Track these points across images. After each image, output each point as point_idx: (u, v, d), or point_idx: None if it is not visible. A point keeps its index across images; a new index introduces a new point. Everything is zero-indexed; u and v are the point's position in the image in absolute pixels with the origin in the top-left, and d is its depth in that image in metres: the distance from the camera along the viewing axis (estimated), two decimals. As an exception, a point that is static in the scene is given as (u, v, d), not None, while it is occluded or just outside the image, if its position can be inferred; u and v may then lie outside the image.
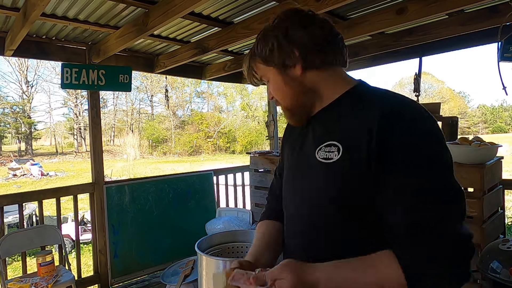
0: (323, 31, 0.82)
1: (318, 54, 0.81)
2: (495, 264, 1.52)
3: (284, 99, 0.87)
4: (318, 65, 0.82)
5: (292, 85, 0.84)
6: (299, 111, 0.88)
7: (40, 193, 3.11)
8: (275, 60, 0.83)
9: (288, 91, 0.85)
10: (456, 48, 2.97)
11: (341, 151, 0.77)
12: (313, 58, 0.81)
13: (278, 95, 0.87)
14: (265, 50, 0.84)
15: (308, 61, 0.81)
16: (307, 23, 0.82)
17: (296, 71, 0.83)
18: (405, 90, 40.85)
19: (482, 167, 1.93)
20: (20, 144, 30.20)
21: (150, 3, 2.29)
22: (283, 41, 0.81)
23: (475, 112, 48.82)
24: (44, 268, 2.57)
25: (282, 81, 0.85)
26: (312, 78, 0.83)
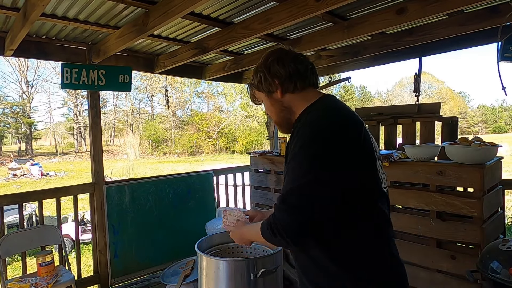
0: (296, 64, 1.14)
1: (291, 82, 1.13)
2: (495, 264, 1.52)
3: (272, 115, 1.21)
4: (292, 90, 1.14)
5: (276, 105, 1.18)
6: (283, 123, 1.20)
7: (40, 193, 3.10)
8: (263, 87, 1.17)
9: (274, 109, 1.19)
10: (456, 48, 2.97)
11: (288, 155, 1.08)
12: (287, 85, 1.13)
13: (268, 112, 1.22)
14: (256, 81, 1.18)
15: (284, 88, 1.14)
16: (284, 60, 1.14)
17: (277, 95, 1.15)
18: (405, 90, 40.87)
19: (482, 167, 1.93)
20: (20, 144, 30.19)
21: (150, 3, 2.29)
22: (267, 75, 1.15)
23: (475, 112, 48.81)
24: (44, 268, 2.57)
25: (269, 102, 1.19)
26: (288, 99, 1.15)
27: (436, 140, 2.75)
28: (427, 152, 2.18)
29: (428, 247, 2.15)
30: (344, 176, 0.96)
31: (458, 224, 2.02)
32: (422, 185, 2.23)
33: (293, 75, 1.13)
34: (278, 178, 3.04)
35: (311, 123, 1.03)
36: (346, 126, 1.00)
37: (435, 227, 2.10)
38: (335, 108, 1.08)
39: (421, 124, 2.77)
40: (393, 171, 2.27)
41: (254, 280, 2.06)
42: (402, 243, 2.28)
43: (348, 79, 4.19)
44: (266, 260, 2.13)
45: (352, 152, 0.98)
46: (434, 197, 2.09)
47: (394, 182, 2.32)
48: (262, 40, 3.20)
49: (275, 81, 1.13)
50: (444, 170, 2.05)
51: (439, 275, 2.12)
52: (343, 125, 1.00)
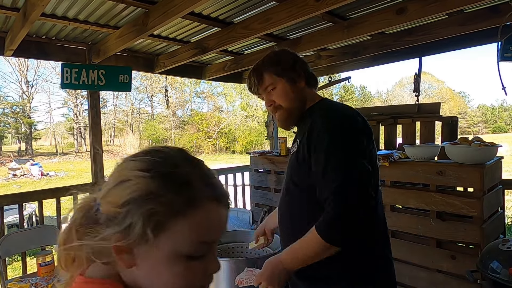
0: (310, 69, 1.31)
1: (311, 78, 1.28)
2: (495, 264, 1.52)
3: (287, 102, 1.23)
4: (311, 85, 1.28)
5: (296, 93, 1.24)
6: (293, 113, 1.25)
7: (40, 193, 3.10)
8: (288, 74, 1.23)
9: (293, 96, 1.23)
10: (456, 48, 2.97)
11: (296, 144, 1.22)
12: (310, 80, 1.27)
13: (284, 99, 1.23)
14: (280, 67, 1.23)
15: (307, 80, 1.26)
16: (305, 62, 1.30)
17: (301, 84, 1.25)
18: (405, 90, 40.86)
19: (482, 167, 1.93)
20: (20, 144, 30.17)
21: (150, 3, 2.29)
22: (296, 65, 1.24)
23: (475, 112, 48.80)
24: (44, 268, 2.57)
25: (290, 89, 1.23)
26: (307, 92, 1.27)
27: (436, 140, 2.75)
28: (427, 152, 2.18)
29: (428, 247, 2.15)
30: (376, 168, 1.14)
31: (458, 224, 2.02)
32: (422, 185, 2.23)
33: (312, 75, 1.29)
34: (278, 178, 3.04)
35: (337, 118, 1.14)
36: (365, 121, 1.16)
37: (435, 227, 2.10)
38: (346, 107, 1.24)
39: (421, 124, 2.77)
40: (393, 171, 2.27)
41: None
42: (402, 243, 2.28)
43: (348, 79, 4.19)
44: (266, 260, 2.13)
45: (373, 145, 1.14)
46: (434, 197, 2.09)
47: (394, 182, 2.32)
48: (262, 40, 3.20)
49: (302, 73, 1.24)
50: (444, 170, 2.05)
51: (439, 275, 2.12)
52: (363, 120, 1.15)
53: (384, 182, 2.36)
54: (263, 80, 1.24)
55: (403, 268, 2.27)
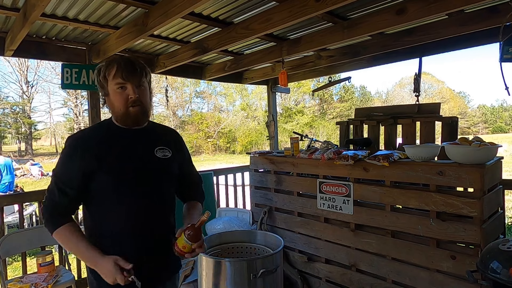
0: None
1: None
2: (495, 264, 1.52)
3: (148, 102, 1.39)
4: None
5: (149, 96, 1.42)
6: (148, 112, 1.41)
7: (40, 193, 3.10)
8: (150, 80, 1.44)
9: (148, 98, 1.40)
10: (456, 48, 2.97)
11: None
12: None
13: (146, 98, 1.38)
14: (149, 75, 1.46)
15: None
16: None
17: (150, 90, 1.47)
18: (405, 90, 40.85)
19: (482, 167, 1.93)
20: (20, 144, 30.15)
21: (150, 3, 2.29)
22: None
23: (475, 112, 48.77)
24: (44, 268, 2.57)
25: (149, 92, 1.41)
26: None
27: (436, 140, 2.75)
28: (427, 152, 2.18)
29: (428, 247, 2.15)
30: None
31: (458, 224, 2.02)
32: (422, 185, 2.23)
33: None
34: (278, 178, 3.04)
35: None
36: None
37: (435, 227, 2.10)
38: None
39: (421, 124, 2.77)
40: (393, 171, 2.27)
41: (254, 280, 2.06)
42: (402, 243, 2.28)
43: (348, 79, 4.19)
44: (266, 260, 2.12)
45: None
46: (434, 197, 2.09)
47: (394, 182, 2.32)
48: (262, 40, 3.20)
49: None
50: (444, 170, 2.05)
51: (439, 275, 2.12)
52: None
53: (384, 182, 2.36)
54: (145, 80, 1.41)
55: (403, 268, 2.28)
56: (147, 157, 1.38)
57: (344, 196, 2.54)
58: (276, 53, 3.28)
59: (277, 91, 4.85)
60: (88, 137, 1.35)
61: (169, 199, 1.45)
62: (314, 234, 2.79)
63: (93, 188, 1.31)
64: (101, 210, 1.34)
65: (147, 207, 1.35)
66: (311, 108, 32.22)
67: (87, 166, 1.27)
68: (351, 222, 2.53)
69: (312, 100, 32.24)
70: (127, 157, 1.33)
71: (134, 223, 1.33)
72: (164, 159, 1.41)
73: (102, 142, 1.32)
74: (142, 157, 1.36)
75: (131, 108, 1.31)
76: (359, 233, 2.50)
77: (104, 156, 1.29)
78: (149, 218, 1.36)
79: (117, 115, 1.34)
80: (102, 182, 1.29)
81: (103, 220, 1.33)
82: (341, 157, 2.46)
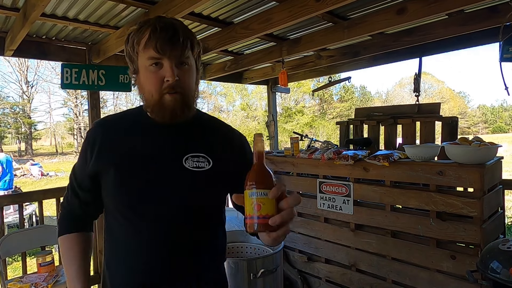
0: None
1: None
2: (495, 264, 1.52)
3: (190, 87, 0.97)
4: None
5: (196, 79, 1.01)
6: (191, 103, 0.99)
7: (40, 193, 3.10)
8: (199, 58, 1.01)
9: (194, 80, 0.99)
10: (456, 48, 2.97)
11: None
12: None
13: (190, 83, 0.97)
14: (199, 48, 1.00)
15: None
16: None
17: (198, 73, 1.03)
18: (405, 90, 40.85)
19: (482, 167, 1.93)
20: (20, 144, 30.16)
21: (150, 3, 2.29)
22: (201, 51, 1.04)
23: (475, 112, 48.78)
24: (44, 268, 2.57)
25: (194, 74, 0.99)
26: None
27: (436, 140, 2.75)
28: (427, 152, 2.18)
29: (428, 247, 2.15)
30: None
31: (458, 224, 2.02)
32: (422, 185, 2.23)
33: None
34: (278, 178, 3.04)
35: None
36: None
37: (435, 227, 2.10)
38: None
39: (421, 124, 2.77)
40: (393, 171, 2.27)
41: (254, 280, 2.06)
42: (402, 243, 2.28)
43: (348, 79, 4.19)
44: (266, 260, 2.13)
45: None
46: (434, 197, 2.09)
47: (394, 182, 2.32)
48: (262, 40, 3.20)
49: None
50: (444, 170, 2.05)
51: (439, 275, 2.12)
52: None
53: (384, 182, 2.36)
54: (188, 58, 0.98)
55: (403, 268, 2.28)
56: (170, 167, 0.96)
57: (344, 196, 2.54)
58: (276, 53, 3.28)
59: (277, 91, 4.85)
60: (109, 126, 1.02)
61: (205, 225, 1.01)
62: (314, 234, 2.79)
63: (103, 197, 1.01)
64: (108, 231, 1.03)
65: (161, 240, 0.95)
66: (311, 108, 32.22)
67: (96, 164, 0.97)
68: (351, 222, 2.53)
69: (312, 100, 32.25)
70: (142, 164, 0.96)
71: (141, 267, 0.96)
72: (195, 173, 0.96)
73: (121, 137, 0.99)
74: (163, 166, 0.96)
75: (167, 96, 0.92)
76: (359, 233, 2.50)
77: (115, 157, 0.96)
78: (168, 264, 0.95)
79: (148, 102, 0.95)
80: (107, 191, 0.98)
81: (109, 246, 1.03)
82: (341, 157, 2.46)
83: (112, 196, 0.96)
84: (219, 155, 1.01)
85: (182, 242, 0.96)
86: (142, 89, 0.96)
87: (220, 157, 1.01)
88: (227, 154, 1.03)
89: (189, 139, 1.00)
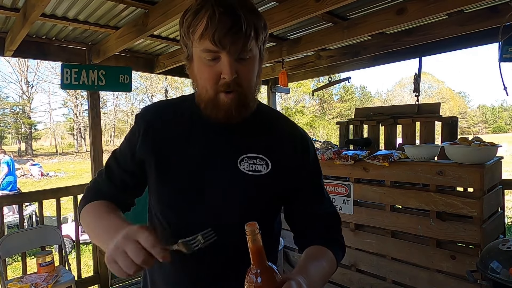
0: None
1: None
2: (495, 264, 1.52)
3: (251, 82, 0.82)
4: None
5: (258, 72, 0.85)
6: (251, 99, 0.83)
7: (40, 194, 3.11)
8: (263, 48, 0.86)
9: (256, 75, 0.84)
10: (456, 48, 2.97)
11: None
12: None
13: (250, 77, 0.82)
14: (264, 35, 0.85)
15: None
16: None
17: (261, 64, 0.87)
18: (405, 90, 40.86)
19: (482, 167, 1.93)
20: (20, 145, 30.18)
21: (150, 3, 2.29)
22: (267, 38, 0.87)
23: (475, 112, 48.82)
24: (44, 269, 2.57)
25: (257, 67, 0.84)
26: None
27: (436, 140, 2.75)
28: (427, 152, 2.18)
29: (428, 247, 2.15)
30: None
31: (458, 224, 2.02)
32: (422, 185, 2.23)
33: None
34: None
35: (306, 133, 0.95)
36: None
37: (435, 227, 2.10)
38: None
39: (421, 124, 2.77)
40: (393, 171, 2.28)
41: (254, 280, 2.06)
42: (402, 243, 2.28)
43: (348, 79, 4.19)
44: (266, 260, 2.13)
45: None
46: (434, 197, 2.09)
47: (394, 182, 2.32)
48: (262, 40, 3.20)
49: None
50: (444, 170, 2.05)
51: (439, 275, 2.12)
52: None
53: (384, 182, 2.36)
54: (250, 50, 0.80)
55: (403, 268, 2.28)
56: (222, 169, 0.83)
57: (344, 196, 2.54)
58: (276, 53, 3.28)
59: (277, 91, 4.85)
60: (159, 111, 0.91)
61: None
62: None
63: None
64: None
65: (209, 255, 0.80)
66: (311, 108, 32.23)
67: (141, 151, 0.86)
68: (351, 222, 2.53)
69: (312, 100, 32.25)
70: (188, 163, 0.83)
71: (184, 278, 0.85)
72: (251, 177, 0.82)
73: (171, 128, 0.87)
74: (215, 167, 0.83)
75: (222, 95, 0.78)
76: (359, 233, 2.50)
77: (158, 150, 0.85)
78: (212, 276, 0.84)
79: (201, 97, 0.82)
80: (149, 184, 0.89)
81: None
82: (341, 157, 2.46)
83: (155, 192, 0.87)
84: (280, 157, 0.86)
85: (227, 264, 0.82)
86: (195, 80, 0.83)
87: (280, 160, 0.85)
88: (289, 156, 0.87)
89: (245, 137, 0.85)
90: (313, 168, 0.93)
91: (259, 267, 0.61)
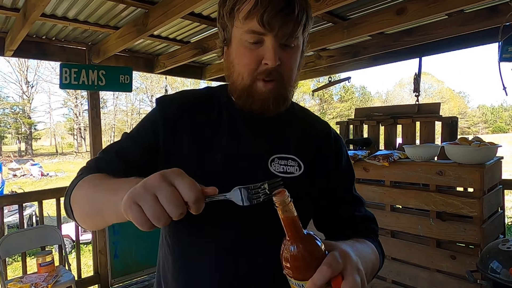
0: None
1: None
2: (495, 264, 1.52)
3: (292, 71, 0.76)
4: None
5: (300, 61, 0.80)
6: (291, 91, 0.77)
7: (40, 194, 3.11)
8: (306, 36, 0.79)
9: (297, 64, 0.79)
10: (456, 48, 2.97)
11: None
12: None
13: (292, 67, 0.75)
14: (310, 23, 0.75)
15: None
16: None
17: (303, 51, 0.81)
18: (405, 90, 40.88)
19: (482, 167, 1.93)
20: (20, 145, 30.21)
21: (150, 4, 2.29)
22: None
23: (475, 112, 48.84)
24: (44, 269, 2.57)
25: (299, 55, 0.77)
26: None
27: (436, 140, 2.75)
28: (427, 152, 2.18)
29: (428, 247, 2.15)
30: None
31: (458, 224, 2.02)
32: (422, 185, 2.24)
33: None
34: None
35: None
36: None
37: (435, 227, 2.10)
38: None
39: (421, 124, 2.77)
40: (393, 171, 2.28)
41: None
42: (402, 243, 2.28)
43: (348, 79, 4.20)
44: (266, 260, 2.13)
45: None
46: (434, 197, 2.09)
47: (394, 182, 2.32)
48: (262, 40, 3.20)
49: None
50: (444, 170, 2.05)
51: (439, 275, 2.12)
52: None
53: (384, 182, 2.36)
54: (297, 38, 0.74)
55: (403, 268, 2.28)
56: (252, 169, 0.74)
57: (344, 196, 2.53)
58: (276, 53, 3.28)
59: (277, 91, 4.85)
60: (185, 104, 0.79)
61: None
62: (313, 234, 2.79)
63: None
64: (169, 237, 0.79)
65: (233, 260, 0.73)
66: (311, 108, 32.23)
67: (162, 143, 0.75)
68: (351, 222, 2.53)
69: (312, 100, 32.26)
70: (214, 160, 0.74)
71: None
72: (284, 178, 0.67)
73: (197, 120, 0.77)
74: (244, 167, 0.74)
75: (261, 84, 0.71)
76: (359, 233, 2.50)
77: (183, 143, 0.74)
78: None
79: (235, 85, 0.75)
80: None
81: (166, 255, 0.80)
82: (341, 157, 2.46)
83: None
84: (312, 158, 0.79)
85: (258, 266, 0.74)
86: (231, 66, 0.75)
87: (313, 161, 0.79)
88: (322, 157, 0.81)
89: (277, 134, 0.79)
90: (346, 170, 0.87)
91: (294, 238, 0.53)
